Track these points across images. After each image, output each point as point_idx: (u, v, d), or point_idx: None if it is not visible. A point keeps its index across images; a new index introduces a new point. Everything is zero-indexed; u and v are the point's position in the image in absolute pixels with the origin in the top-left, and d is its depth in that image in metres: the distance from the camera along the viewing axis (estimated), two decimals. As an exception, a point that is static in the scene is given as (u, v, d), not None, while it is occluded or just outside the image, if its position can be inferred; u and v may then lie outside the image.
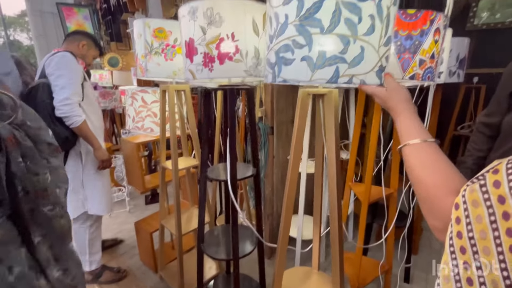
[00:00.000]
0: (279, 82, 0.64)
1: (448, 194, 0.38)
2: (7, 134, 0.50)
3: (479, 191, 0.32)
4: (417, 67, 0.83)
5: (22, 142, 0.53)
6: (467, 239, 0.33)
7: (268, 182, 1.66)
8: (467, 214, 0.33)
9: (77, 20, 4.58)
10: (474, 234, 0.33)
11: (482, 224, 0.32)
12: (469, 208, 0.33)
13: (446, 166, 0.42)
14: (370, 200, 1.13)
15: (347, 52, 0.55)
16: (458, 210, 0.35)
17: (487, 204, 0.31)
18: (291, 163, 0.80)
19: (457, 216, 0.35)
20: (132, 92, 1.38)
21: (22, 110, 0.58)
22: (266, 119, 1.56)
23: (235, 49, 0.79)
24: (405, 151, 0.48)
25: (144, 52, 1.05)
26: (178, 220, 1.29)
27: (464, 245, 0.34)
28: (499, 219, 0.30)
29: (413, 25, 0.79)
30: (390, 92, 0.57)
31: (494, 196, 0.31)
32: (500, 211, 0.30)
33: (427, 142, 0.46)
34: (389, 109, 0.58)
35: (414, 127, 0.50)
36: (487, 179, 0.32)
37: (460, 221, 0.34)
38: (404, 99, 0.55)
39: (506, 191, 0.30)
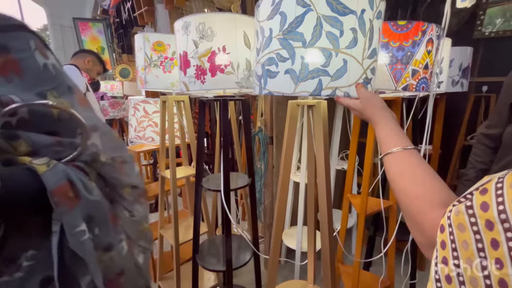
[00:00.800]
0: (265, 94, 0.65)
1: (431, 208, 0.35)
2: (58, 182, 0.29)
3: (465, 213, 0.28)
4: (410, 78, 0.82)
5: (85, 196, 0.31)
6: (453, 267, 0.30)
7: (268, 192, 1.65)
8: (453, 238, 0.30)
9: (92, 34, 4.82)
10: (461, 262, 0.29)
11: (469, 252, 0.28)
12: (454, 232, 0.29)
13: (427, 175, 0.39)
14: (368, 212, 1.10)
15: (329, 65, 0.56)
16: (443, 233, 0.31)
17: (474, 229, 0.28)
18: (281, 174, 0.80)
19: (442, 239, 0.31)
20: (134, 102, 1.43)
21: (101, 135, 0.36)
22: (266, 129, 1.57)
23: (226, 62, 0.81)
24: (385, 161, 0.46)
25: (143, 64, 1.09)
26: (175, 230, 1.30)
27: (450, 274, 0.30)
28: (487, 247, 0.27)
29: (404, 36, 0.79)
30: (364, 102, 0.55)
31: (481, 221, 0.27)
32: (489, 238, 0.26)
33: (407, 150, 0.44)
34: (368, 120, 0.57)
35: (393, 135, 0.47)
36: (474, 200, 0.28)
37: (445, 245, 0.31)
38: (380, 107, 0.53)
39: (494, 215, 0.26)
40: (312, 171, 0.89)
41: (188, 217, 1.62)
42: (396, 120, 0.51)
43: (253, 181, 1.10)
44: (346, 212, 1.26)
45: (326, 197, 0.75)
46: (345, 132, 1.76)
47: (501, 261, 0.26)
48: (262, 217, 1.75)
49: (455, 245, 0.29)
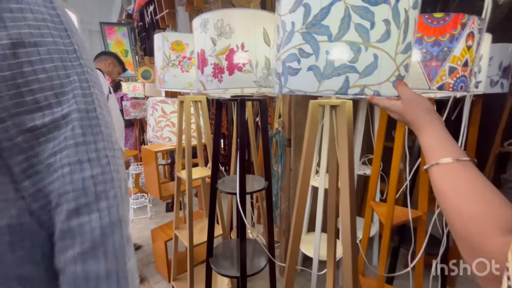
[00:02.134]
0: (285, 92, 0.61)
1: (494, 232, 0.29)
2: None
3: None
4: (446, 76, 0.74)
5: None
6: None
7: (285, 196, 1.59)
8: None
9: (117, 37, 5.02)
10: None
11: None
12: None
13: (488, 192, 0.33)
14: (395, 222, 1.01)
15: (358, 61, 0.50)
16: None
17: None
18: (300, 178, 0.75)
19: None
20: (153, 102, 1.44)
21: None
22: (283, 131, 1.52)
23: (245, 60, 0.77)
24: (432, 173, 0.39)
25: (162, 64, 1.08)
26: (190, 232, 1.28)
27: None
28: None
29: (441, 30, 0.72)
30: (408, 103, 0.49)
31: None
32: None
33: (461, 162, 0.37)
34: (409, 124, 0.49)
35: (442, 143, 0.41)
36: None
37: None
38: (426, 110, 0.46)
39: None
40: (333, 176, 0.83)
41: (203, 218, 1.61)
42: (444, 126, 0.44)
43: (270, 185, 1.06)
44: (368, 221, 1.18)
45: (350, 203, 0.69)
46: (367, 136, 1.67)
47: None
48: (278, 222, 1.70)
49: None
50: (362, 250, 1.22)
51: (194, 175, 1.31)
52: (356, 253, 0.75)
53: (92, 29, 7.71)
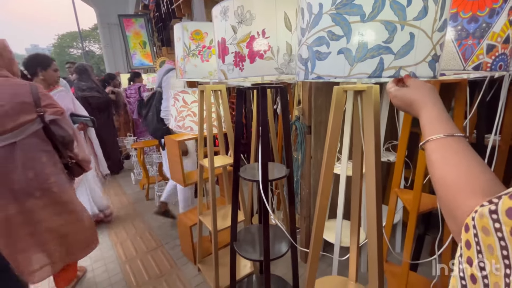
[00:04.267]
0: (313, 79, 0.59)
1: (469, 196, 0.33)
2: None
3: (489, 217, 0.27)
4: (484, 55, 0.69)
5: None
6: (478, 268, 0.29)
7: (305, 183, 1.60)
8: (478, 241, 0.29)
9: (135, 29, 5.10)
10: (486, 265, 0.28)
11: (494, 256, 0.27)
12: (479, 234, 0.28)
13: (473, 163, 0.35)
14: (421, 209, 0.99)
15: (393, 41, 0.48)
16: (468, 232, 0.30)
17: (499, 235, 0.26)
18: (324, 165, 0.75)
19: (467, 239, 0.30)
20: (174, 93, 1.47)
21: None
22: (304, 118, 1.50)
23: (266, 47, 0.76)
24: (427, 148, 0.42)
25: (182, 54, 1.10)
26: (214, 217, 1.33)
27: (475, 275, 0.29)
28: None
29: (479, 4, 0.66)
30: (413, 86, 0.49)
31: (506, 227, 0.25)
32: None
33: (454, 137, 0.39)
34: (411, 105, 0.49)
35: (439, 121, 0.43)
36: (500, 205, 0.26)
37: (470, 246, 0.30)
38: (428, 92, 0.47)
39: None
40: (357, 163, 0.82)
41: (225, 204, 1.66)
42: (443, 107, 0.45)
43: (292, 172, 1.06)
44: (393, 208, 1.16)
45: (376, 191, 0.68)
46: (391, 121, 1.60)
47: None
48: (299, 209, 1.72)
49: (480, 248, 0.29)
50: (387, 236, 1.21)
51: (216, 163, 1.34)
52: (381, 239, 0.74)
53: (111, 21, 7.89)
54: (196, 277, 1.64)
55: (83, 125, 1.95)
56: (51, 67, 1.71)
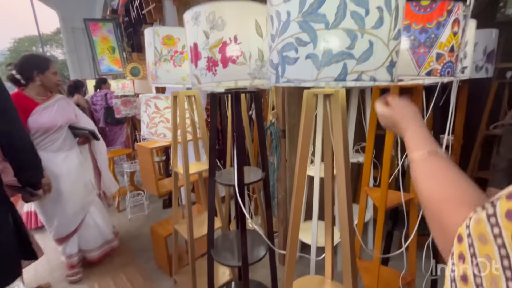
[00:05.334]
0: (283, 83, 0.61)
1: (460, 206, 0.32)
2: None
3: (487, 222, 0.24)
4: (434, 62, 0.76)
5: None
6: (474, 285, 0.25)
7: (281, 186, 1.62)
8: (473, 252, 0.25)
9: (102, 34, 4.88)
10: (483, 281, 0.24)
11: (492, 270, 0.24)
12: (475, 244, 0.25)
13: (458, 177, 0.36)
14: (388, 206, 1.06)
15: (354, 48, 0.52)
16: (461, 243, 0.27)
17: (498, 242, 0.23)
18: (297, 167, 0.77)
19: (460, 251, 0.27)
20: (145, 99, 1.42)
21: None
22: (278, 122, 1.54)
23: (238, 52, 0.78)
24: (412, 166, 0.44)
25: (154, 59, 1.07)
26: (190, 226, 1.30)
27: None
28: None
29: (428, 17, 0.74)
30: (397, 107, 0.54)
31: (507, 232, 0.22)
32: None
33: (437, 154, 0.42)
34: (396, 124, 0.54)
35: (422, 139, 0.46)
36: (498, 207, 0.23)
37: (464, 259, 0.26)
38: (410, 114, 0.52)
39: None
40: (329, 164, 0.86)
41: (202, 212, 1.62)
42: (425, 126, 0.50)
43: (267, 175, 1.08)
44: (363, 206, 1.23)
45: (346, 190, 0.71)
46: (359, 124, 1.70)
47: None
48: (276, 212, 1.74)
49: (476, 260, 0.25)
50: (358, 234, 1.26)
51: (191, 170, 1.32)
52: (353, 237, 0.78)
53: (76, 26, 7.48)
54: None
55: (83, 139, 1.71)
56: (49, 70, 1.44)
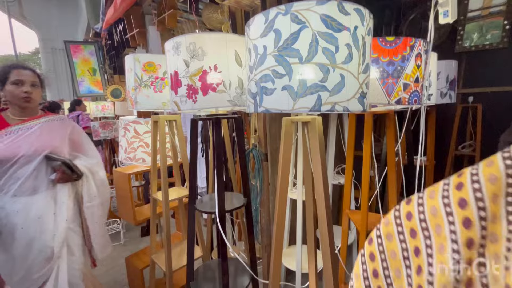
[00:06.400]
0: (261, 111, 0.63)
1: None
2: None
3: (394, 223, 0.31)
4: (402, 92, 0.82)
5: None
6: (383, 278, 0.32)
7: (264, 210, 1.60)
8: (382, 249, 0.32)
9: (83, 56, 4.83)
10: (390, 273, 0.31)
11: (396, 261, 0.31)
12: (384, 242, 0.32)
13: None
14: (370, 228, 1.06)
15: (327, 80, 0.55)
16: (371, 245, 0.34)
17: (400, 238, 0.30)
18: (278, 191, 0.77)
19: (371, 251, 0.33)
20: (124, 123, 1.39)
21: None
22: (260, 146, 1.55)
23: (218, 80, 0.80)
24: None
25: (134, 85, 1.07)
26: (168, 257, 1.23)
27: (382, 286, 0.32)
28: (411, 254, 0.29)
29: (394, 51, 0.80)
30: None
31: (406, 229, 0.30)
32: (412, 246, 0.30)
33: None
34: None
35: None
36: (401, 210, 0.31)
37: (374, 257, 0.33)
38: None
39: (417, 223, 0.29)
40: (309, 188, 0.86)
41: (182, 240, 1.54)
42: None
43: (249, 201, 1.06)
44: (346, 229, 1.23)
45: (326, 213, 0.72)
46: (339, 146, 1.75)
47: (421, 268, 0.29)
48: (259, 237, 1.69)
49: (384, 256, 0.32)
50: (342, 257, 1.25)
51: (170, 196, 1.27)
52: (336, 262, 0.77)
53: (56, 46, 7.37)
54: (148, 329, 1.44)
55: (60, 174, 1.09)
56: (9, 79, 1.05)
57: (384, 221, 0.33)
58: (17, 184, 1.02)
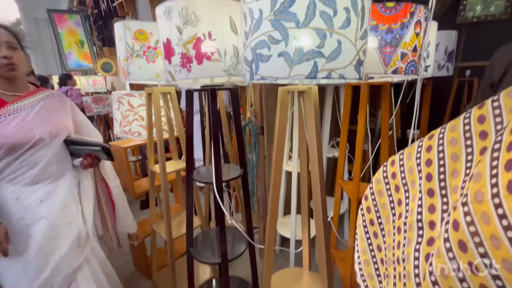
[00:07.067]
0: (257, 80, 0.62)
1: None
2: None
3: (383, 182, 0.40)
4: (399, 61, 0.81)
5: None
6: (377, 224, 0.41)
7: (260, 183, 1.64)
8: (375, 203, 0.41)
9: (69, 26, 4.57)
10: (382, 220, 0.41)
11: (386, 211, 0.39)
12: (376, 198, 0.41)
13: None
14: (360, 197, 1.11)
15: (324, 46, 0.54)
16: (367, 200, 0.43)
17: (388, 193, 0.39)
18: (273, 163, 0.79)
19: (367, 206, 0.43)
20: (118, 96, 1.37)
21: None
22: (256, 119, 1.55)
23: (213, 49, 0.77)
24: None
25: (125, 55, 1.03)
26: (168, 224, 1.28)
27: (376, 231, 0.42)
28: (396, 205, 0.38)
29: (393, 18, 0.78)
30: None
31: (392, 186, 0.38)
32: (396, 198, 0.38)
33: None
34: None
35: None
36: (388, 171, 0.39)
37: (370, 210, 0.43)
38: None
39: (399, 181, 0.37)
40: (304, 159, 0.88)
41: (181, 212, 1.60)
42: None
43: (246, 172, 1.09)
44: (338, 198, 1.28)
45: (320, 183, 0.74)
46: (335, 120, 1.76)
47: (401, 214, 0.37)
48: (256, 208, 1.75)
49: (377, 208, 0.41)
50: (334, 226, 1.32)
51: (168, 169, 1.29)
52: (328, 229, 0.81)
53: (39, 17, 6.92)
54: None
55: (91, 160, 1.01)
56: None
57: (375, 180, 0.40)
58: (35, 170, 0.89)
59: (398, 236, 0.36)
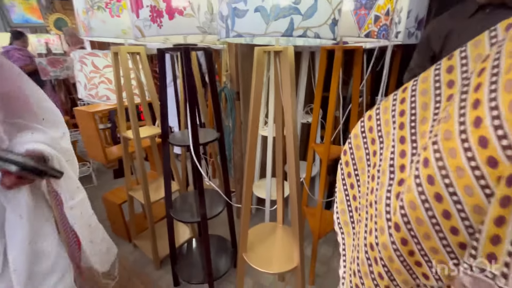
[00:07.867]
0: (233, 37, 0.61)
1: None
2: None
3: (361, 137, 0.42)
4: (372, 24, 0.83)
5: None
6: (354, 176, 0.45)
7: (237, 148, 1.67)
8: (353, 157, 0.45)
9: (8, -28, 3.85)
10: (358, 171, 0.44)
11: (362, 163, 0.42)
12: (354, 152, 0.45)
13: None
14: (330, 157, 1.19)
15: (300, 3, 0.53)
16: (346, 155, 0.47)
17: (365, 146, 0.42)
18: (249, 126, 0.81)
19: (346, 160, 0.47)
20: (80, 55, 1.24)
21: None
22: (232, 84, 1.52)
23: (185, 3, 0.72)
24: None
25: (84, 6, 0.92)
26: (145, 189, 1.28)
27: (353, 182, 0.45)
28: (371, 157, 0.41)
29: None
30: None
31: (369, 140, 0.41)
32: (372, 150, 0.41)
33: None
34: None
35: None
36: (365, 126, 0.42)
37: (348, 164, 0.46)
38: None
39: (375, 134, 0.40)
40: (279, 124, 0.91)
41: (157, 178, 1.60)
42: None
43: (222, 135, 1.10)
44: (310, 160, 1.36)
45: (293, 140, 0.78)
46: (310, 87, 1.79)
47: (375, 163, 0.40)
48: (233, 173, 1.81)
49: (354, 161, 0.44)
50: (306, 185, 1.42)
51: (142, 134, 1.26)
52: (299, 188, 0.88)
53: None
54: (132, 253, 1.59)
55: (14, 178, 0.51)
56: None
57: (353, 135, 0.43)
58: None
59: (372, 183, 0.39)
